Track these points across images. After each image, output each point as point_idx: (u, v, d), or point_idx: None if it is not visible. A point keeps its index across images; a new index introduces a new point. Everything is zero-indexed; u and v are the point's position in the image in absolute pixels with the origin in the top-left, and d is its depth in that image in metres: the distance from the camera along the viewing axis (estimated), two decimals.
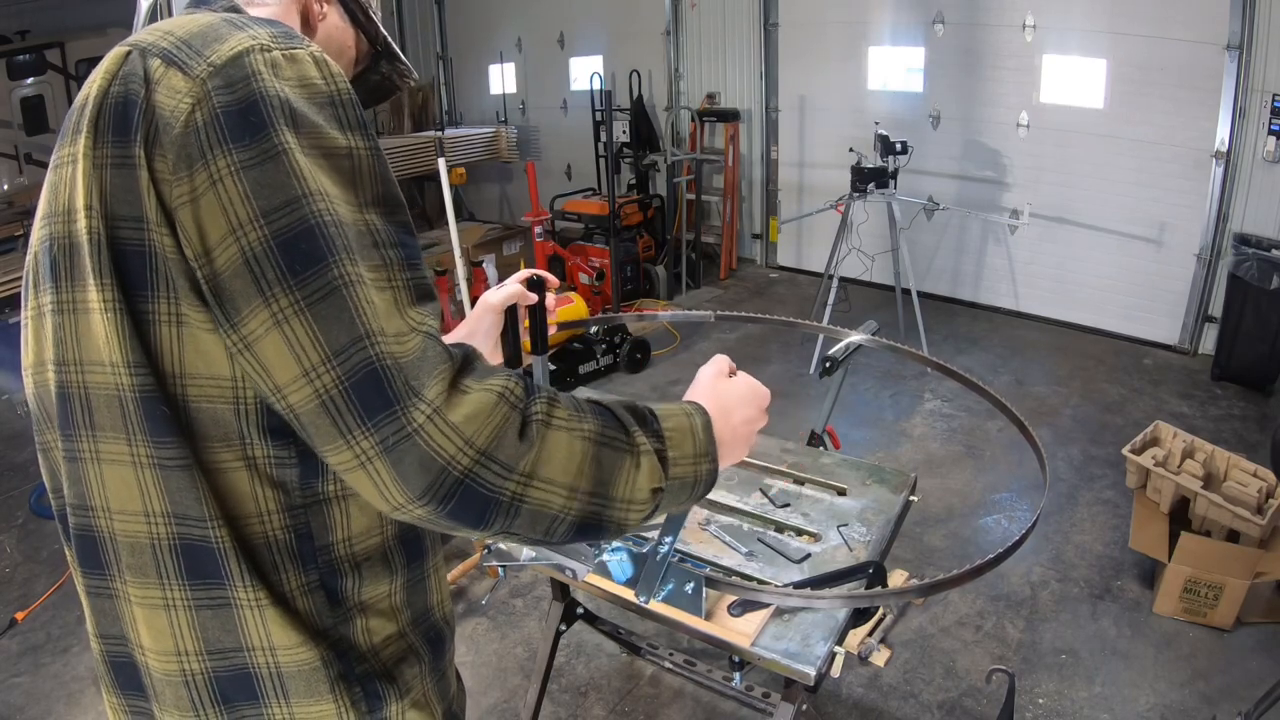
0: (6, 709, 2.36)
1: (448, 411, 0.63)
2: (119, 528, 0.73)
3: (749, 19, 6.02)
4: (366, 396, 0.62)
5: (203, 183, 0.63)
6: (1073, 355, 4.72)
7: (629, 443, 0.72)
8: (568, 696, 2.36)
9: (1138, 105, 4.54)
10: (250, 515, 0.71)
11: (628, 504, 0.72)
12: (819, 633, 1.28)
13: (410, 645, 0.83)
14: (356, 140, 0.68)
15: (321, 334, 0.62)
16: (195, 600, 0.72)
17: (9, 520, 3.33)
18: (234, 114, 0.63)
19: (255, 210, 0.62)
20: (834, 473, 1.71)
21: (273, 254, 0.62)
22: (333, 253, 0.63)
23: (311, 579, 0.74)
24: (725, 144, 6.19)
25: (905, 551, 2.93)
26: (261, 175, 0.63)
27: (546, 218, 5.44)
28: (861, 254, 4.69)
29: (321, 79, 0.68)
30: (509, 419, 0.65)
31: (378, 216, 0.68)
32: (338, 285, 0.63)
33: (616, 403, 0.76)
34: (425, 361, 0.64)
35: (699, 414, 0.80)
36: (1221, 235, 4.41)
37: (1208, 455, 2.68)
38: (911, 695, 2.33)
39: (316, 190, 0.64)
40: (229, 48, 0.65)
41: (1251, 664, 2.39)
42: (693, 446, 0.78)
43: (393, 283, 0.66)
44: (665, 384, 4.44)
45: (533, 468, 0.66)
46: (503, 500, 0.65)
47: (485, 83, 7.96)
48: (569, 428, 0.69)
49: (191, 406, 0.69)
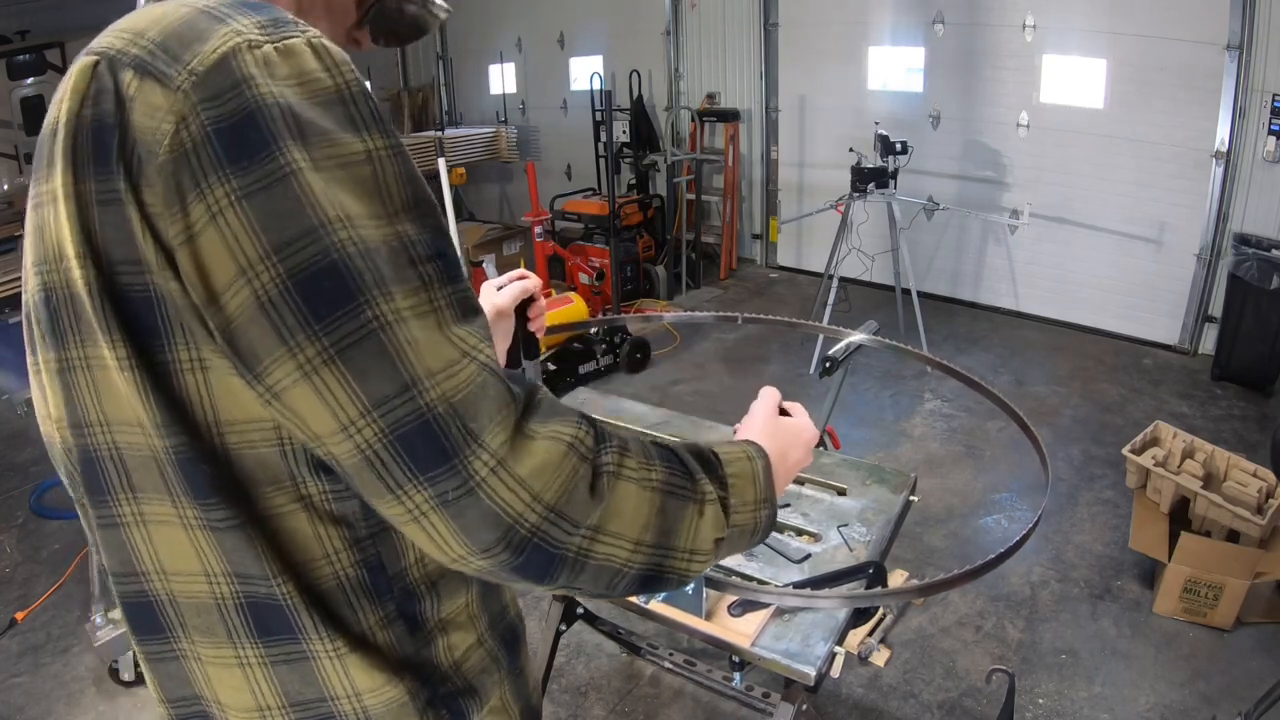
0: (6, 709, 2.36)
1: (513, 464, 0.57)
2: (178, 589, 0.68)
3: (749, 19, 6.02)
4: (417, 451, 0.56)
5: (200, 217, 0.54)
6: (1073, 355, 4.72)
7: (695, 491, 0.69)
8: (568, 696, 2.36)
9: (1138, 105, 4.54)
10: (317, 558, 0.66)
11: (690, 554, 0.69)
12: (819, 633, 1.28)
13: (489, 651, 0.80)
14: (375, 140, 0.58)
15: (358, 385, 0.55)
16: (270, 657, 0.68)
17: (9, 520, 3.33)
18: (227, 131, 0.54)
19: (266, 246, 0.54)
20: (834, 473, 1.71)
21: (291, 297, 0.54)
22: (363, 290, 0.55)
23: (389, 610, 0.70)
24: (725, 144, 6.19)
25: (905, 551, 2.93)
26: (269, 203, 0.54)
27: (546, 218, 5.44)
28: (861, 254, 4.69)
29: (325, 71, 0.58)
30: (579, 472, 0.60)
31: (411, 225, 0.59)
32: (373, 329, 0.55)
33: (682, 445, 0.72)
34: (485, 400, 0.57)
35: (760, 457, 0.77)
36: (1221, 235, 4.42)
37: (1208, 455, 2.68)
38: (911, 695, 2.33)
39: (336, 215, 0.55)
40: (211, 48, 0.55)
41: (1251, 664, 2.39)
42: (754, 493, 0.74)
43: (434, 303, 0.58)
44: (665, 384, 4.44)
45: (600, 521, 0.62)
46: (568, 556, 0.61)
47: (485, 83, 7.96)
48: (638, 479, 0.64)
49: (234, 454, 0.62)
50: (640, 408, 1.99)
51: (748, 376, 4.50)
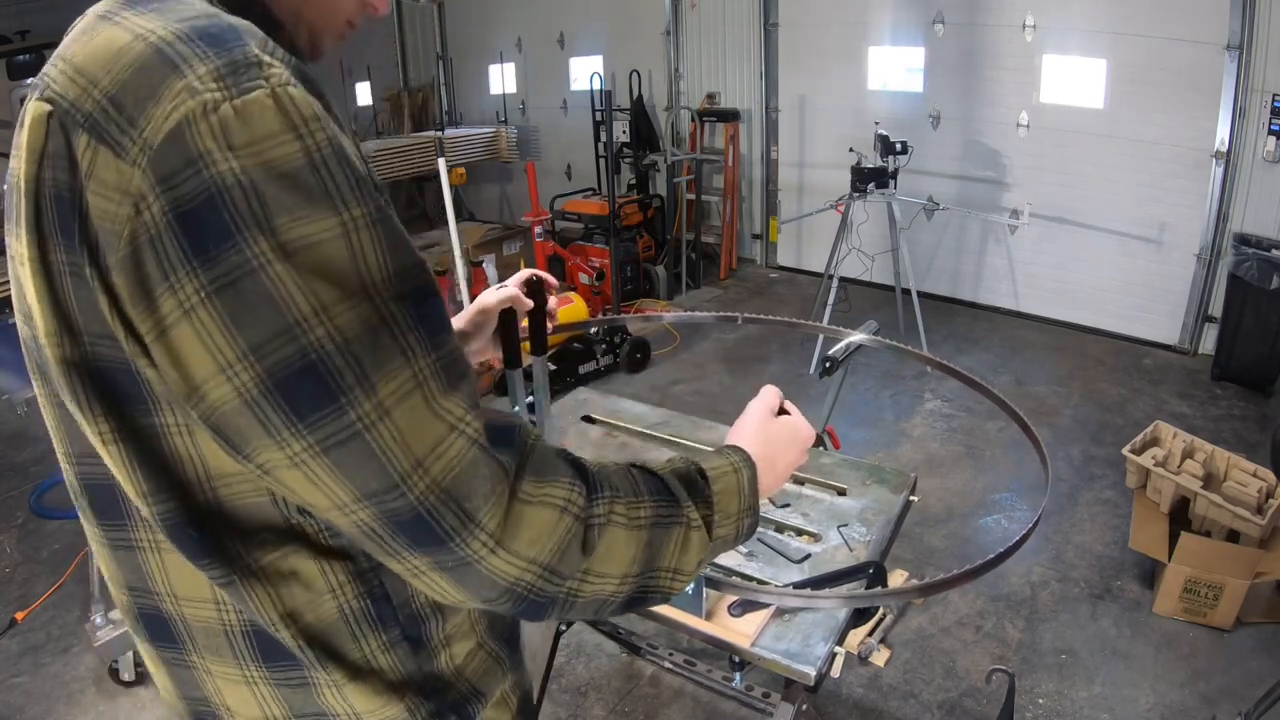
0: (6, 709, 2.36)
1: (510, 540, 0.58)
2: (189, 613, 0.70)
3: (749, 19, 6.02)
4: (415, 534, 0.57)
5: (171, 311, 0.52)
6: (1073, 355, 4.72)
7: (681, 518, 0.71)
8: (568, 696, 2.36)
9: (1138, 105, 4.54)
10: (322, 593, 0.67)
11: (674, 573, 0.71)
12: (819, 633, 1.28)
13: (489, 653, 0.81)
14: (351, 210, 0.54)
15: (347, 478, 0.55)
16: (275, 679, 0.71)
17: (9, 520, 3.33)
18: (188, 217, 0.51)
19: (242, 347, 0.52)
20: (834, 473, 1.71)
21: (273, 397, 0.53)
22: (344, 391, 0.53)
23: (393, 635, 0.71)
24: (725, 144, 6.19)
25: (905, 551, 2.93)
26: (239, 299, 0.51)
27: (546, 218, 5.44)
28: (861, 254, 4.69)
29: (291, 133, 0.53)
30: (572, 532, 0.62)
31: (392, 297, 0.56)
32: (357, 430, 0.54)
33: (670, 470, 0.73)
34: (477, 479, 0.57)
35: (746, 468, 0.78)
36: (1221, 235, 4.41)
37: (1208, 455, 2.68)
38: (911, 695, 2.33)
39: (309, 310, 0.52)
40: (164, 113, 0.51)
41: (1251, 664, 2.39)
42: (737, 505, 0.76)
43: (419, 376, 0.56)
44: (665, 384, 4.44)
45: (590, 566, 0.64)
46: (559, 598, 0.64)
47: (485, 83, 7.96)
48: (627, 522, 0.66)
49: (227, 507, 0.63)
50: (640, 408, 1.99)
51: (748, 376, 4.50)
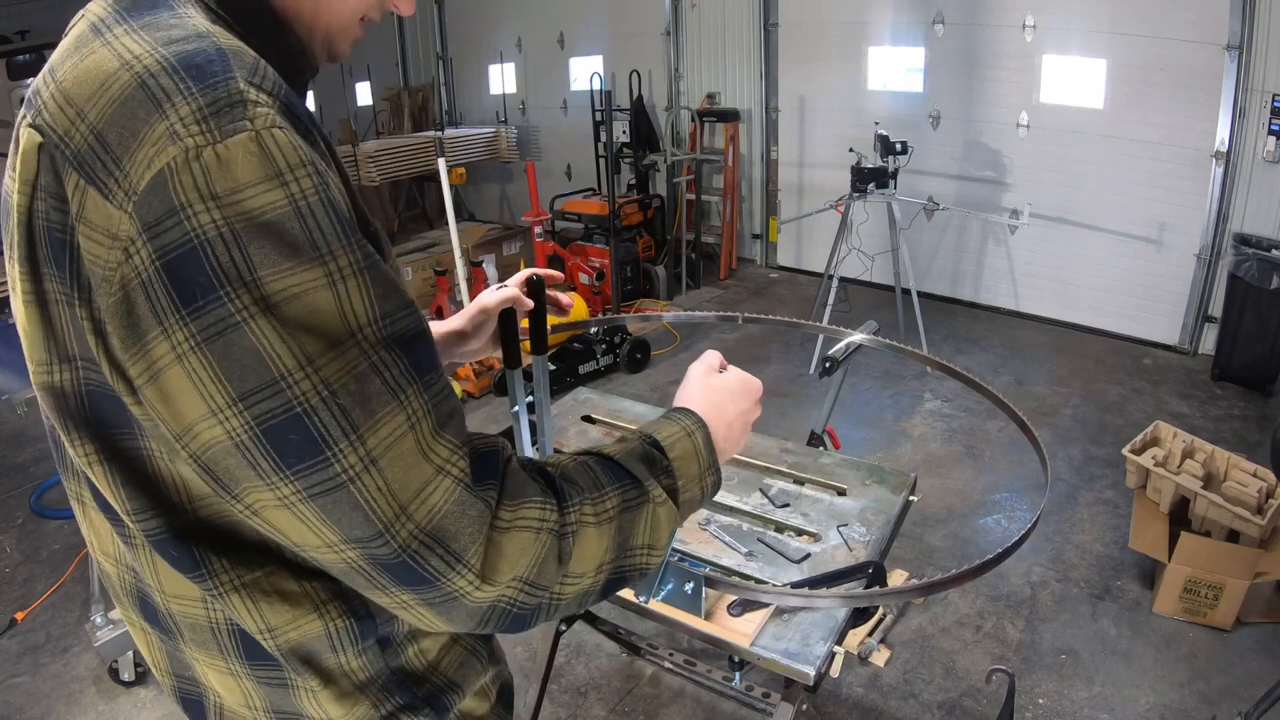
0: (6, 709, 2.36)
1: (491, 573, 0.60)
2: (176, 609, 0.72)
3: (749, 19, 6.02)
4: (401, 575, 0.58)
5: (163, 356, 0.53)
6: (1073, 355, 4.72)
7: (646, 497, 0.71)
8: (568, 696, 2.36)
9: (1138, 105, 4.54)
10: (307, 612, 0.68)
11: (649, 549, 0.72)
12: (819, 633, 1.28)
13: (467, 647, 0.82)
14: (338, 259, 0.54)
15: (336, 524, 0.56)
16: (256, 675, 0.73)
17: (9, 520, 3.33)
18: (173, 266, 0.51)
19: (231, 395, 0.53)
20: (834, 473, 1.71)
21: (261, 444, 0.54)
22: (328, 444, 0.54)
23: (369, 643, 0.73)
24: (725, 144, 6.18)
25: (905, 551, 2.93)
26: (226, 350, 0.52)
27: (546, 218, 5.44)
28: (861, 254, 4.69)
29: (274, 180, 0.53)
30: (548, 546, 0.63)
31: (381, 343, 0.56)
32: (341, 481, 0.55)
33: (628, 453, 0.74)
34: (463, 520, 0.58)
35: (699, 430, 0.79)
36: (1221, 235, 4.41)
37: (1208, 455, 2.68)
38: (911, 695, 2.33)
39: (294, 364, 0.53)
40: (146, 158, 0.51)
41: (1251, 664, 2.39)
42: (698, 466, 0.77)
43: (411, 419, 0.57)
44: (665, 384, 4.44)
45: (570, 569, 0.65)
46: (543, 606, 0.65)
47: (485, 83, 7.96)
48: (596, 520, 0.67)
49: (211, 526, 0.64)
50: (640, 407, 1.99)
51: None
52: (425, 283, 5.55)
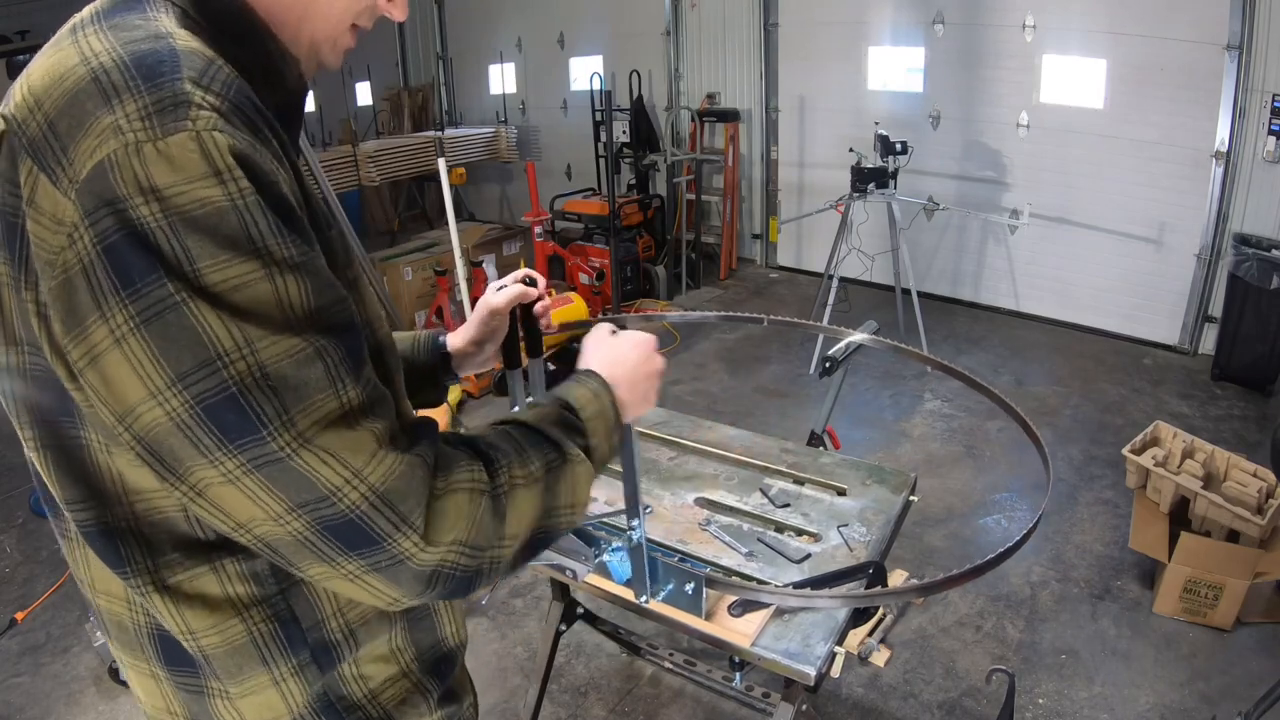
0: (6, 709, 2.36)
1: (433, 533, 0.62)
2: (103, 605, 0.73)
3: (749, 19, 6.02)
4: (349, 538, 0.59)
5: (102, 339, 0.54)
6: (1073, 355, 4.72)
7: (566, 458, 0.75)
8: (568, 696, 2.36)
9: (1138, 105, 4.54)
10: (228, 617, 0.69)
11: (571, 509, 0.75)
12: (819, 633, 1.28)
13: (415, 683, 0.81)
14: (273, 254, 0.56)
15: (281, 492, 0.58)
16: (175, 681, 0.74)
17: (9, 520, 3.33)
18: (113, 250, 0.53)
19: (169, 375, 0.54)
20: (834, 473, 1.71)
21: (202, 421, 0.55)
22: (264, 423, 0.56)
23: (303, 658, 0.73)
24: (725, 144, 6.18)
25: (905, 551, 2.93)
26: (164, 331, 0.54)
27: (546, 218, 5.44)
28: (861, 254, 4.69)
29: (214, 177, 0.54)
30: (483, 507, 0.65)
31: (320, 332, 0.59)
32: (282, 456, 0.57)
33: (544, 417, 0.77)
34: (408, 483, 0.61)
35: (605, 390, 0.84)
36: (1221, 235, 4.41)
37: (1208, 455, 2.68)
38: (911, 695, 2.33)
39: (230, 346, 0.55)
40: (89, 148, 0.53)
41: (1251, 664, 2.39)
42: (606, 424, 0.81)
43: (345, 406, 0.59)
44: (665, 384, 4.41)
45: (506, 529, 0.68)
46: (484, 568, 0.67)
47: (485, 83, 7.96)
48: (526, 482, 0.70)
49: (144, 522, 0.66)
50: None
51: (748, 376, 4.50)
52: (425, 283, 5.54)
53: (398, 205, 7.97)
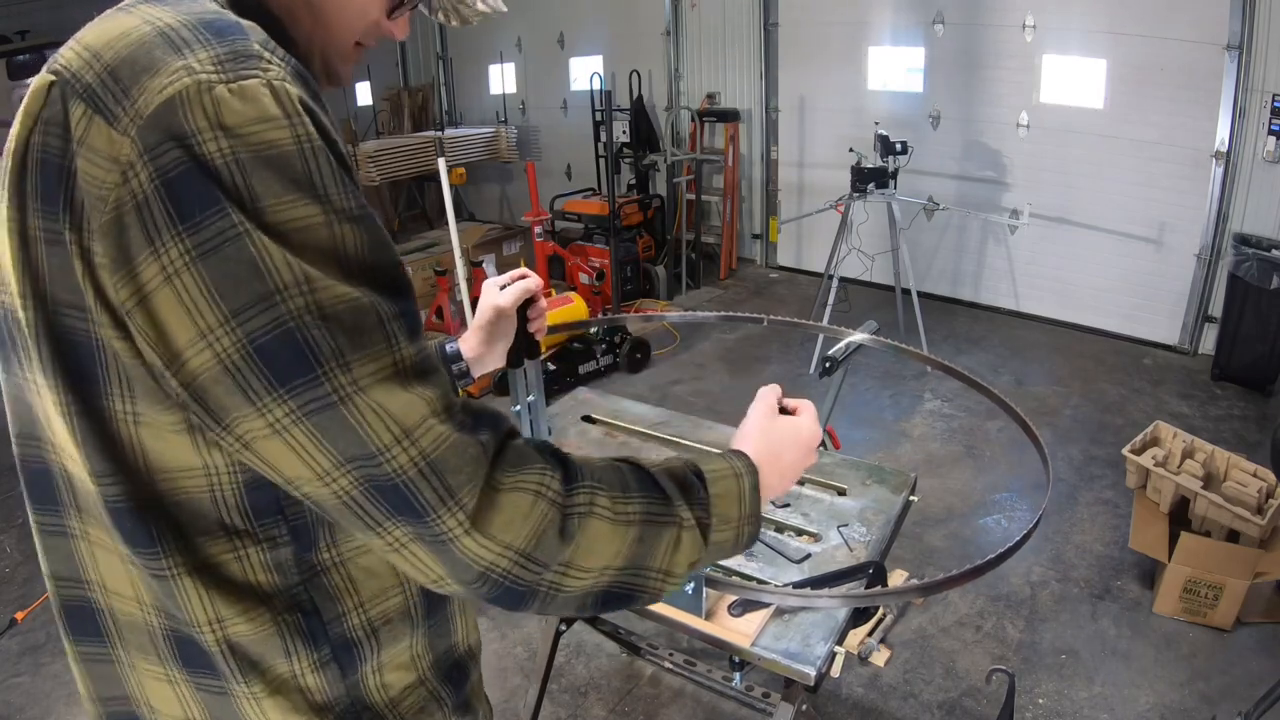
0: (6, 709, 2.36)
1: (484, 523, 0.59)
2: (117, 606, 0.70)
3: (749, 19, 6.02)
4: (394, 502, 0.58)
5: (154, 277, 0.53)
6: (1073, 355, 4.72)
7: (672, 517, 0.69)
8: (568, 696, 2.36)
9: (1138, 105, 4.54)
10: (251, 605, 0.67)
11: (665, 575, 0.70)
12: (819, 633, 1.28)
13: (431, 691, 0.80)
14: (334, 202, 0.56)
15: (329, 444, 0.56)
16: (195, 683, 0.71)
17: (9, 520, 3.33)
18: (175, 183, 0.52)
19: (224, 312, 0.53)
20: (834, 473, 1.71)
21: (253, 361, 0.54)
22: (320, 362, 0.55)
23: (324, 654, 0.70)
24: (725, 144, 6.18)
25: (905, 551, 2.93)
26: (222, 265, 0.53)
27: (546, 218, 5.44)
28: (861, 254, 4.69)
29: (284, 119, 0.54)
30: (548, 517, 0.61)
31: (375, 287, 0.58)
32: (334, 401, 0.55)
33: (664, 469, 0.71)
34: (463, 458, 0.59)
35: (749, 475, 0.76)
36: (1221, 235, 4.41)
37: (1208, 455, 2.68)
38: (911, 695, 2.33)
39: (290, 280, 0.54)
40: (159, 86, 0.53)
41: (1251, 664, 2.39)
42: (738, 510, 0.74)
43: (399, 364, 0.58)
44: (665, 384, 4.44)
45: (572, 558, 0.63)
46: (540, 590, 0.63)
47: (485, 83, 7.96)
48: (612, 516, 0.65)
49: (169, 502, 0.63)
50: (640, 408, 1.99)
51: (748, 376, 4.50)
52: (425, 283, 5.54)
53: (398, 205, 7.97)
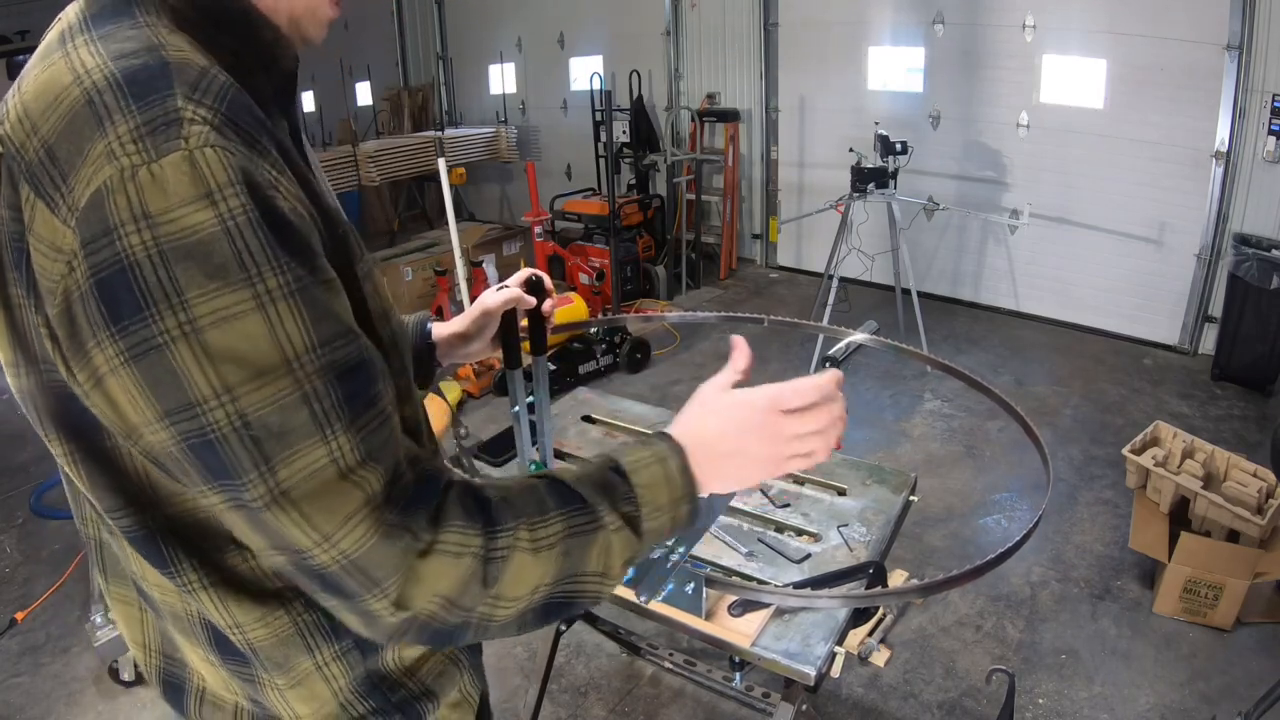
0: (6, 709, 2.36)
1: (408, 599, 0.60)
2: (158, 597, 0.73)
3: (749, 19, 6.02)
4: (324, 585, 0.60)
5: (102, 366, 0.55)
6: (1073, 355, 4.72)
7: (597, 524, 0.68)
8: (568, 696, 2.36)
9: (1138, 105, 4.54)
10: (274, 609, 0.70)
11: (601, 578, 0.70)
12: (819, 633, 1.28)
13: (448, 655, 0.82)
14: (267, 281, 0.54)
15: (263, 537, 0.59)
16: (229, 669, 0.75)
17: (9, 520, 3.33)
18: (104, 285, 0.53)
19: (157, 410, 0.55)
20: (834, 473, 1.71)
21: (189, 456, 0.56)
22: (241, 473, 0.55)
23: (345, 644, 0.73)
24: (725, 144, 6.18)
25: (905, 551, 2.93)
26: (149, 371, 0.54)
27: (546, 218, 5.44)
28: (861, 254, 4.69)
29: (206, 199, 0.53)
30: (471, 570, 0.62)
31: (316, 370, 0.56)
32: (255, 507, 0.57)
33: (584, 476, 0.70)
34: (387, 552, 0.59)
35: (674, 456, 0.73)
36: (1221, 235, 4.41)
37: (1208, 455, 2.68)
38: (911, 695, 2.33)
39: (209, 392, 0.54)
40: (86, 177, 0.53)
41: (1251, 664, 2.39)
42: (668, 494, 0.72)
43: (335, 454, 0.57)
44: (665, 384, 4.44)
45: (499, 592, 0.64)
46: (471, 623, 0.64)
47: (485, 83, 7.96)
48: (534, 547, 0.65)
49: (180, 525, 0.66)
50: (640, 408, 1.99)
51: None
52: (425, 283, 5.54)
53: (398, 205, 7.97)
